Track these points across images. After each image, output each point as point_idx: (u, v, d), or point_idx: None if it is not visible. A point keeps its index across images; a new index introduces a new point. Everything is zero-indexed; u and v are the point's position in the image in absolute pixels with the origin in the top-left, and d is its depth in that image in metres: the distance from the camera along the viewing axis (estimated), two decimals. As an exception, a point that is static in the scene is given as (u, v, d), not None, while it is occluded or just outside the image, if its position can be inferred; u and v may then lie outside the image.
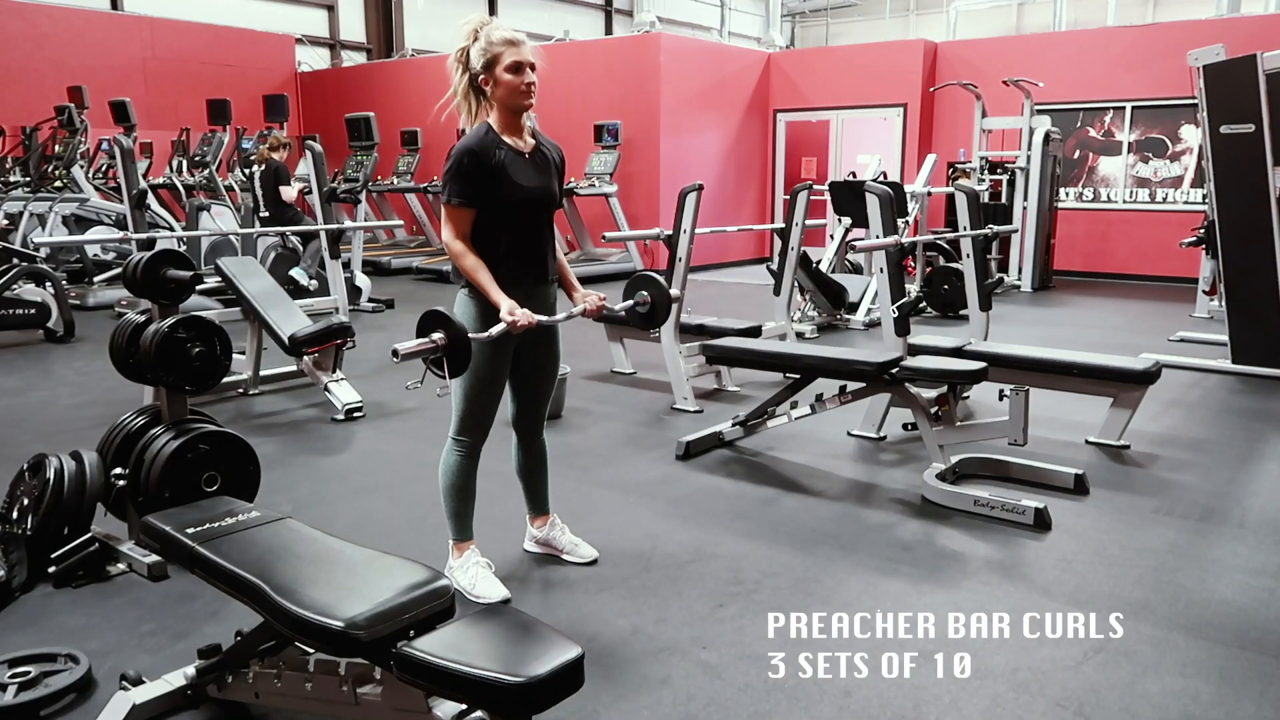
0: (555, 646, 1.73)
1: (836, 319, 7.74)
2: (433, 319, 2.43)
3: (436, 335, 2.42)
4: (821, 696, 2.31)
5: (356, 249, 8.84)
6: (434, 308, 2.45)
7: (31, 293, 6.88)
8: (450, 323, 2.41)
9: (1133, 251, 10.88)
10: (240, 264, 5.52)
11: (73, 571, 2.88)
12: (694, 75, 11.76)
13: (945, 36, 15.70)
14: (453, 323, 2.41)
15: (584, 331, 6.52)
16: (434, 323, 2.43)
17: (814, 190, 6.51)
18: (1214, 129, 5.74)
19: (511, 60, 2.63)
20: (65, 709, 2.25)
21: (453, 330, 2.41)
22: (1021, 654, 2.51)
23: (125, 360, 3.21)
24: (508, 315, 2.58)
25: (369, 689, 1.92)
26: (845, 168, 11.65)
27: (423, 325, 2.45)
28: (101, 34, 12.31)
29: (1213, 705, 2.27)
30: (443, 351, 2.42)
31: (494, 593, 2.78)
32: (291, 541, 2.12)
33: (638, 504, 3.66)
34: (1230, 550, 3.21)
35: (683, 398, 5.10)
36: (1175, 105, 10.19)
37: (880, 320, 4.43)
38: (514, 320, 2.57)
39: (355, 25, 15.89)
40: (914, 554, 3.18)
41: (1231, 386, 5.65)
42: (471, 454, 2.83)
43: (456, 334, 2.41)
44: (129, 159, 6.69)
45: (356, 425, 4.79)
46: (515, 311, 2.58)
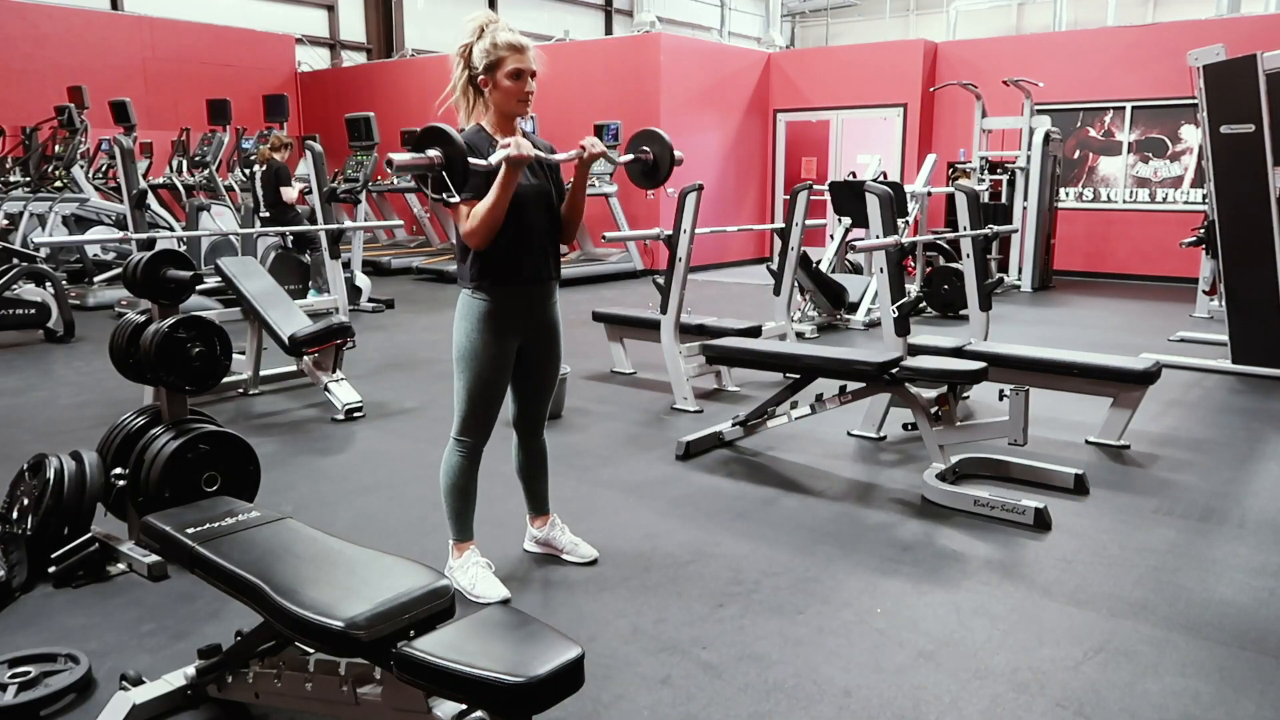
0: (555, 646, 1.73)
1: (836, 319, 7.75)
2: (431, 135, 2.34)
3: (433, 152, 2.32)
4: (821, 696, 2.31)
5: (356, 249, 8.85)
6: (435, 124, 2.35)
7: (31, 293, 6.89)
8: (450, 141, 2.32)
9: (1133, 251, 10.89)
10: (240, 264, 5.52)
11: (73, 571, 2.88)
12: (694, 75, 11.77)
13: (945, 36, 15.70)
14: (453, 141, 2.33)
15: (584, 331, 6.53)
16: (432, 139, 2.34)
17: (814, 190, 6.51)
18: (1214, 129, 5.74)
19: (514, 67, 2.62)
20: (65, 709, 2.25)
21: (451, 148, 2.32)
22: (1021, 654, 2.51)
23: (125, 360, 3.21)
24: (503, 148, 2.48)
25: (369, 689, 1.92)
26: (845, 168, 11.65)
27: (420, 141, 2.34)
28: (101, 34, 12.32)
29: (1213, 705, 2.27)
30: (440, 169, 2.33)
31: (494, 593, 2.78)
32: (291, 541, 2.12)
33: (638, 504, 3.66)
34: (1230, 550, 3.21)
35: (683, 398, 5.10)
36: (1175, 105, 10.19)
37: (880, 320, 4.43)
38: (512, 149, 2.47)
39: (355, 25, 15.90)
40: (914, 554, 3.18)
41: (1231, 386, 5.65)
42: (473, 454, 2.83)
43: (455, 152, 2.32)
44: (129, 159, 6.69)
45: (356, 425, 4.79)
46: (510, 141, 2.49)
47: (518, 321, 2.75)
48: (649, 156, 2.96)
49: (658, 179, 2.99)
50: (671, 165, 2.95)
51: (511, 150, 2.47)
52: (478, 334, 2.70)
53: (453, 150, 2.32)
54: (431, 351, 6.64)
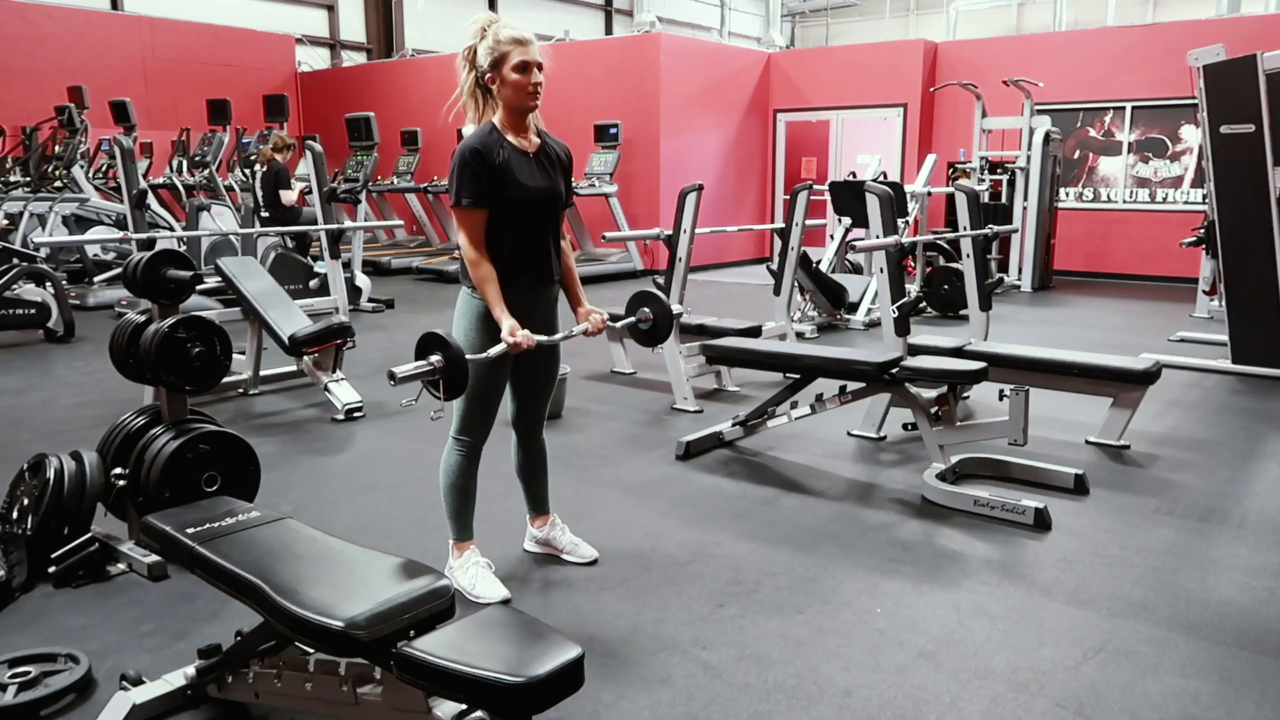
0: (555, 646, 1.73)
1: (836, 319, 7.75)
2: (430, 342, 2.42)
3: (434, 358, 2.40)
4: (821, 696, 2.31)
5: (356, 249, 8.85)
6: (432, 330, 2.43)
7: (31, 293, 6.89)
8: (448, 345, 2.40)
9: (1133, 251, 10.89)
10: (240, 264, 5.52)
11: (73, 571, 2.88)
12: (694, 75, 11.77)
13: (945, 36, 15.71)
14: (450, 345, 2.40)
15: (584, 331, 6.52)
16: (432, 345, 2.42)
17: (814, 190, 6.51)
18: (1214, 129, 5.74)
19: (519, 59, 2.62)
20: (65, 709, 2.25)
21: (450, 353, 2.39)
22: (1021, 654, 2.51)
23: (125, 360, 3.21)
24: (508, 336, 2.58)
25: (369, 689, 1.92)
26: (845, 168, 11.65)
27: (421, 348, 2.43)
28: (101, 34, 12.32)
29: (1213, 705, 2.27)
30: (440, 374, 2.40)
31: (494, 593, 2.78)
32: (291, 541, 2.12)
33: (638, 504, 3.66)
34: (1230, 550, 3.21)
35: (683, 398, 5.10)
36: (1175, 105, 10.19)
37: (880, 320, 4.43)
38: (515, 342, 2.58)
39: (355, 25, 15.90)
40: (914, 554, 3.18)
41: (1231, 386, 5.65)
42: (472, 454, 2.83)
43: (454, 356, 2.40)
44: (129, 159, 6.69)
45: (356, 425, 4.79)
46: (516, 333, 2.58)
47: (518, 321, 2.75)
48: (649, 317, 3.12)
49: (658, 338, 3.16)
50: (671, 324, 3.13)
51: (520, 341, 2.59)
52: (478, 334, 2.71)
53: (451, 354, 2.40)
54: (431, 351, 6.62)
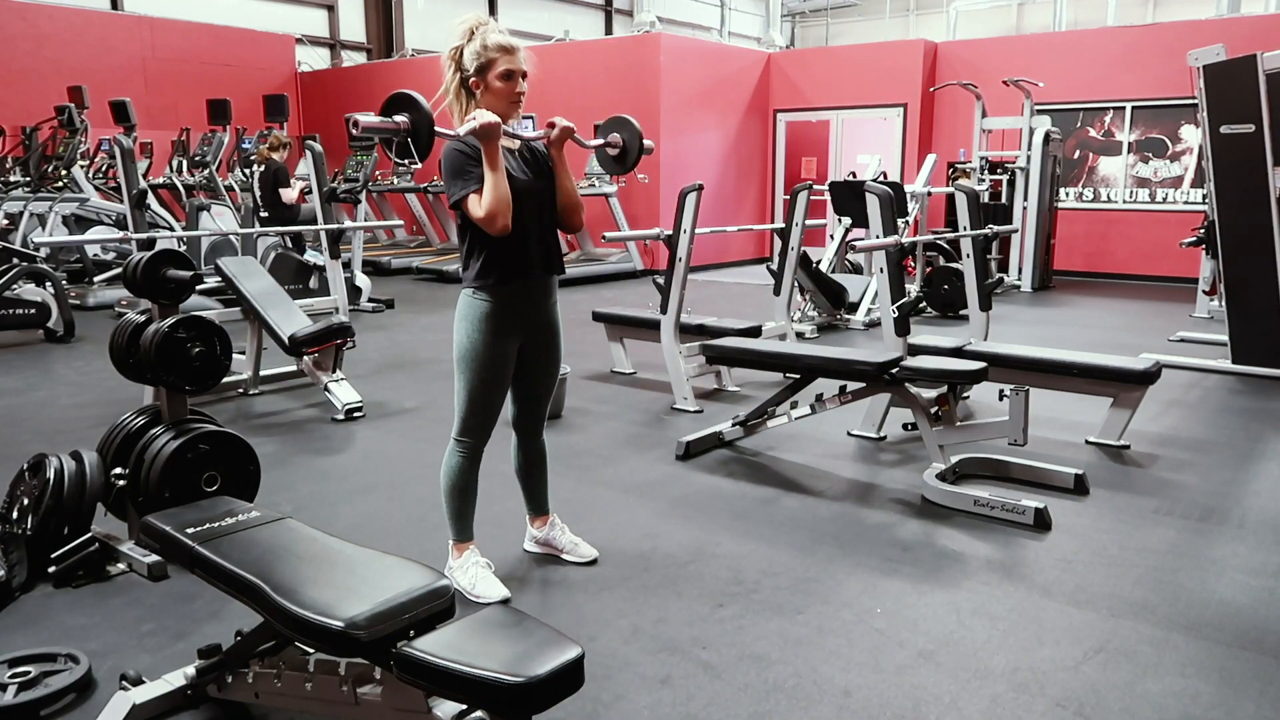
0: (555, 646, 1.73)
1: (836, 319, 7.75)
2: (400, 101, 2.35)
3: (400, 117, 2.33)
4: (821, 696, 2.31)
5: (356, 249, 8.85)
6: (404, 90, 2.37)
7: (31, 293, 6.89)
8: (418, 107, 2.33)
9: (1133, 251, 10.89)
10: (240, 264, 5.52)
11: (73, 571, 2.88)
12: (694, 75, 11.77)
13: (945, 36, 15.71)
14: (420, 107, 2.33)
15: (584, 331, 6.53)
16: (400, 105, 2.34)
17: (814, 190, 6.51)
18: (1214, 129, 5.74)
19: (505, 68, 2.61)
20: (65, 709, 2.25)
21: (419, 114, 2.33)
22: (1021, 654, 2.51)
23: (125, 360, 3.21)
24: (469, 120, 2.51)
25: (369, 689, 1.92)
26: (845, 168, 11.65)
27: (388, 106, 2.36)
28: (101, 34, 12.32)
29: (1213, 705, 2.27)
30: (405, 134, 2.33)
31: (494, 593, 2.78)
32: (291, 541, 2.12)
33: (638, 504, 3.66)
34: (1230, 550, 3.21)
35: (683, 398, 5.10)
36: (1175, 105, 10.19)
37: (880, 320, 4.43)
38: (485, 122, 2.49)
39: (355, 25, 15.90)
40: (914, 554, 3.18)
41: (1231, 386, 5.65)
42: (474, 455, 2.83)
43: (421, 118, 2.33)
44: (129, 159, 6.69)
45: (356, 425, 4.79)
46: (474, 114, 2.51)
47: (518, 321, 2.76)
48: (618, 142, 2.99)
49: (626, 165, 3.02)
50: (640, 152, 2.98)
51: (476, 122, 2.48)
52: (478, 334, 2.70)
53: (419, 116, 2.33)
54: (431, 351, 6.64)
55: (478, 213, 2.57)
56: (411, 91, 2.35)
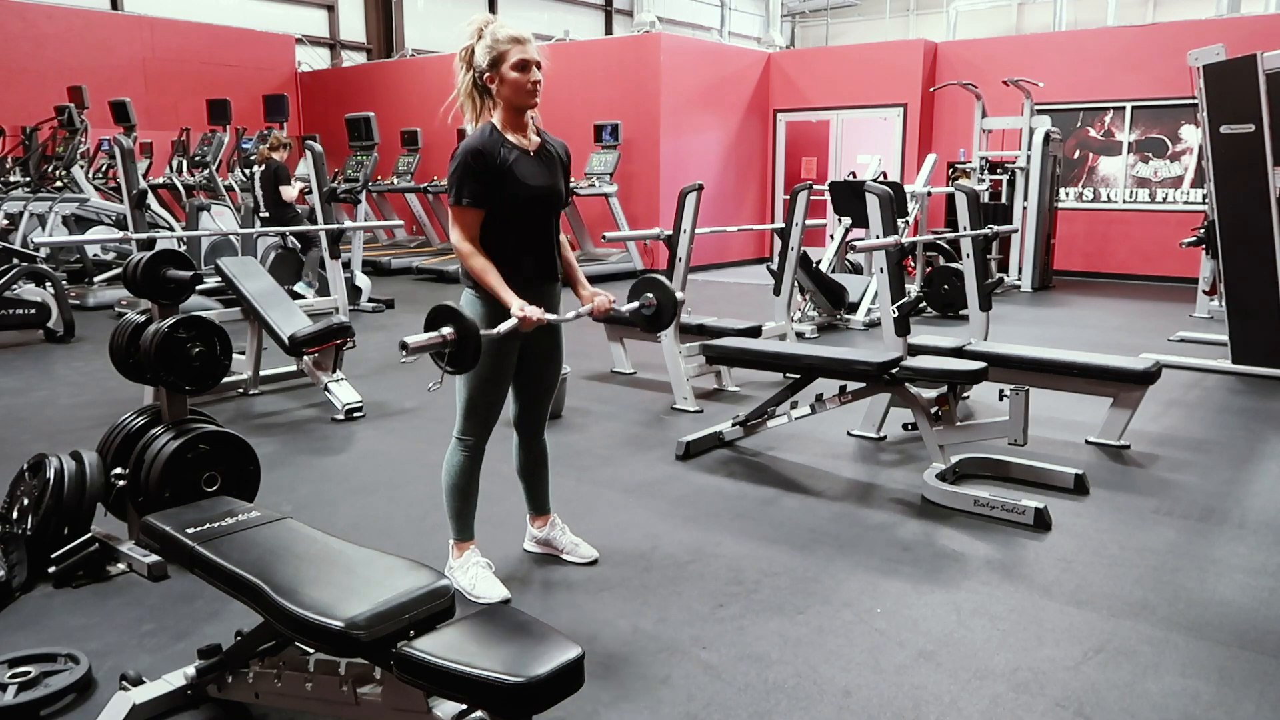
0: (555, 646, 1.73)
1: (836, 319, 7.75)
2: (443, 314, 2.39)
3: (446, 330, 2.37)
4: (821, 696, 2.31)
5: (356, 249, 8.85)
6: (444, 302, 2.41)
7: (31, 293, 6.89)
8: (460, 318, 2.37)
9: (1133, 251, 10.89)
10: (240, 264, 5.52)
11: (73, 571, 2.88)
12: (694, 75, 11.77)
13: (945, 36, 15.71)
14: (463, 318, 2.37)
15: (584, 331, 6.53)
16: (443, 318, 2.39)
17: (814, 190, 6.51)
18: (1214, 129, 5.74)
19: (518, 58, 2.62)
20: (65, 709, 2.25)
21: (463, 326, 2.37)
22: (1021, 654, 2.51)
23: (125, 360, 3.21)
24: (518, 312, 2.56)
25: (369, 689, 1.92)
26: (845, 168, 11.65)
27: (432, 320, 2.40)
28: (101, 34, 12.32)
29: (1213, 705, 2.27)
30: (451, 347, 2.38)
31: (494, 593, 2.78)
32: (291, 541, 2.12)
33: (638, 504, 3.66)
34: (1230, 550, 3.21)
35: (683, 398, 5.10)
36: (1175, 105, 10.19)
37: (880, 320, 4.43)
38: (525, 316, 2.55)
39: (355, 25, 15.90)
40: (914, 554, 3.18)
41: (1231, 386, 5.65)
42: (475, 454, 2.83)
43: (466, 330, 2.37)
44: (129, 159, 6.69)
45: (356, 425, 4.79)
46: (525, 309, 2.56)
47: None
48: (652, 303, 3.10)
49: (661, 324, 3.13)
50: (675, 310, 3.10)
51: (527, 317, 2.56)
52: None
53: (463, 328, 2.38)
54: (431, 351, 6.63)
55: (455, 236, 2.65)
56: (451, 304, 2.41)
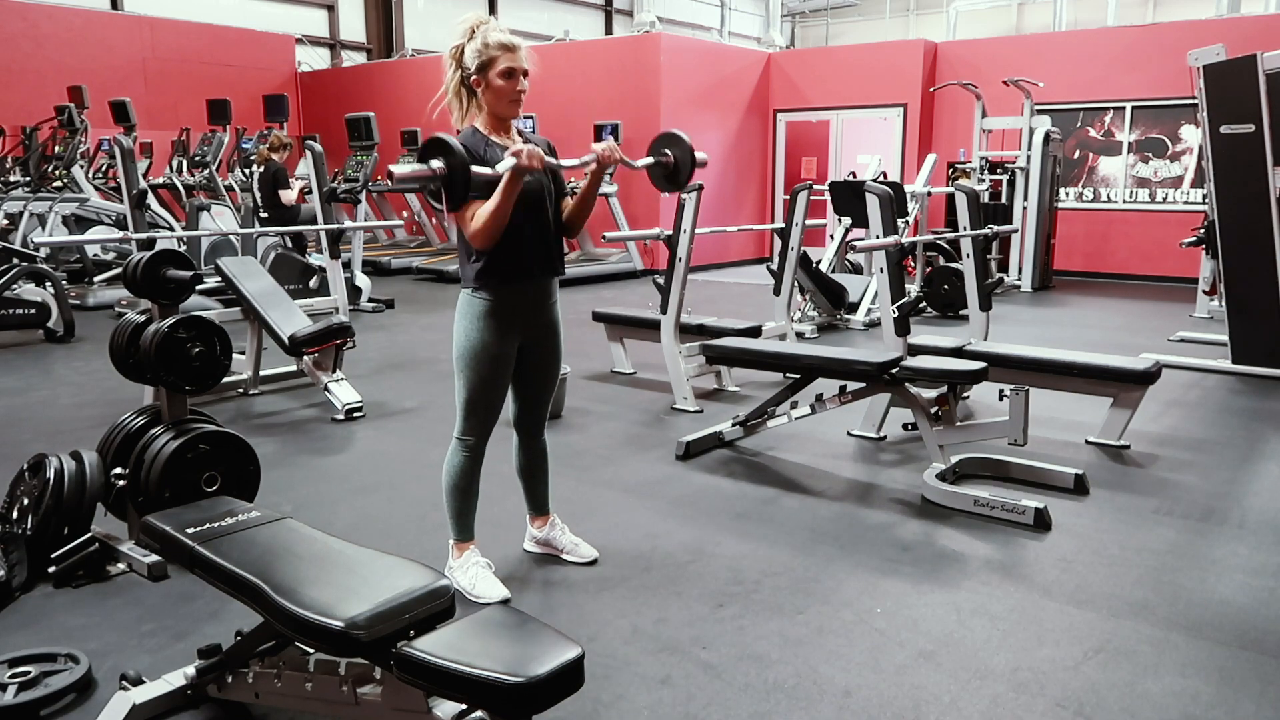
0: (555, 646, 1.73)
1: (836, 319, 7.75)
2: (434, 146, 2.33)
3: (435, 163, 2.31)
4: (821, 696, 2.31)
5: (356, 249, 8.85)
6: (437, 135, 2.34)
7: (31, 293, 6.89)
8: (451, 151, 2.31)
9: (1133, 251, 10.89)
10: (240, 264, 5.52)
11: (73, 571, 2.88)
12: (694, 75, 11.76)
13: (945, 36, 15.71)
14: (454, 151, 2.31)
15: (584, 331, 6.53)
16: (434, 150, 2.33)
17: (814, 190, 6.51)
18: (1214, 129, 5.74)
19: (506, 66, 2.61)
20: (65, 709, 2.25)
21: (453, 159, 2.31)
22: (1021, 654, 2.51)
23: (125, 360, 3.21)
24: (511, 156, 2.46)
25: (369, 689, 1.92)
26: (845, 168, 11.65)
27: (424, 152, 2.34)
28: (101, 34, 12.32)
29: (1213, 705, 2.27)
30: (440, 181, 2.32)
31: (494, 593, 2.78)
32: (291, 541, 2.12)
33: (638, 504, 3.66)
34: (1230, 550, 3.21)
35: (683, 398, 5.10)
36: (1175, 105, 10.19)
37: (880, 320, 4.43)
38: (520, 149, 2.45)
39: (355, 25, 15.90)
40: (914, 554, 3.18)
41: (1231, 386, 5.65)
42: (475, 454, 2.83)
43: (457, 162, 2.30)
44: (129, 159, 6.69)
45: (356, 425, 4.79)
46: (522, 149, 2.46)
47: (519, 321, 2.75)
48: (669, 160, 2.90)
49: (679, 182, 2.93)
50: (693, 168, 2.89)
51: (522, 159, 2.45)
52: (478, 333, 2.70)
53: (454, 161, 2.30)
54: (431, 351, 6.64)
55: (471, 225, 2.56)
56: (446, 136, 2.33)
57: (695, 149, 2.89)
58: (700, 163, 2.89)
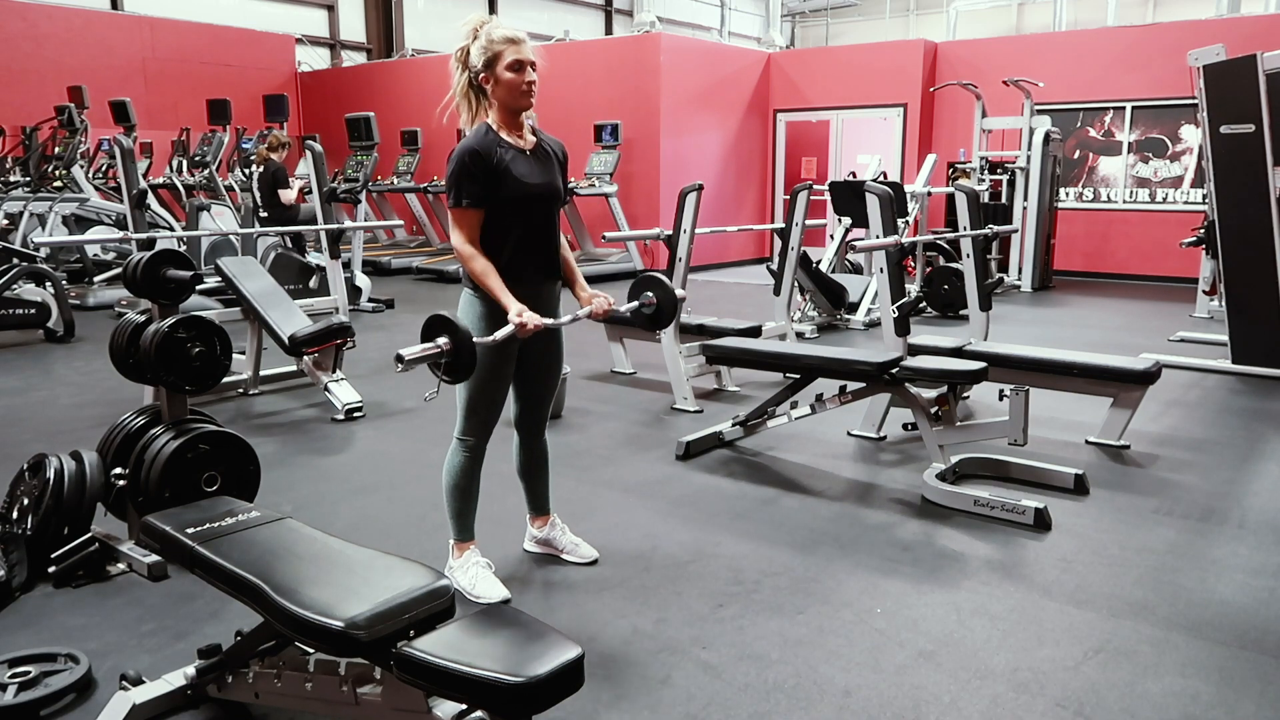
0: (555, 646, 1.73)
1: (836, 319, 7.75)
2: (438, 324, 2.39)
3: (441, 340, 2.37)
4: (821, 696, 2.31)
5: (356, 249, 8.85)
6: (439, 312, 2.41)
7: (31, 293, 6.89)
8: (455, 328, 2.37)
9: (1133, 251, 10.89)
10: (240, 264, 5.52)
11: (73, 571, 2.88)
12: (694, 75, 11.77)
13: (945, 36, 15.71)
14: (458, 328, 2.37)
15: (584, 331, 6.52)
16: (439, 328, 2.39)
17: (814, 190, 6.51)
18: (1214, 129, 5.74)
19: (513, 58, 2.62)
20: (65, 709, 2.25)
21: (458, 336, 2.37)
22: (1021, 654, 2.51)
23: (125, 360, 3.21)
24: (516, 318, 2.55)
25: (369, 689, 1.92)
26: (845, 168, 11.65)
27: (427, 330, 2.41)
28: (101, 34, 12.32)
29: (1213, 705, 2.27)
30: (448, 357, 2.38)
31: (494, 593, 2.78)
32: (291, 541, 2.12)
33: (638, 504, 3.66)
34: (1230, 550, 3.21)
35: (683, 398, 5.10)
36: (1175, 105, 10.19)
37: (880, 320, 4.43)
38: (522, 323, 2.55)
39: (355, 25, 15.90)
40: (914, 554, 3.18)
41: (1231, 386, 5.65)
42: (476, 454, 2.83)
43: (461, 339, 2.37)
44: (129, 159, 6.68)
45: (356, 425, 4.79)
46: (524, 314, 2.56)
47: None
48: (652, 303, 3.10)
49: (662, 323, 3.15)
50: (675, 309, 3.12)
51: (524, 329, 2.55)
52: (480, 333, 2.70)
53: (458, 337, 2.37)
54: (431, 351, 6.63)
55: (456, 238, 2.65)
56: (447, 314, 2.40)
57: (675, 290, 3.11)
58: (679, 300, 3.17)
